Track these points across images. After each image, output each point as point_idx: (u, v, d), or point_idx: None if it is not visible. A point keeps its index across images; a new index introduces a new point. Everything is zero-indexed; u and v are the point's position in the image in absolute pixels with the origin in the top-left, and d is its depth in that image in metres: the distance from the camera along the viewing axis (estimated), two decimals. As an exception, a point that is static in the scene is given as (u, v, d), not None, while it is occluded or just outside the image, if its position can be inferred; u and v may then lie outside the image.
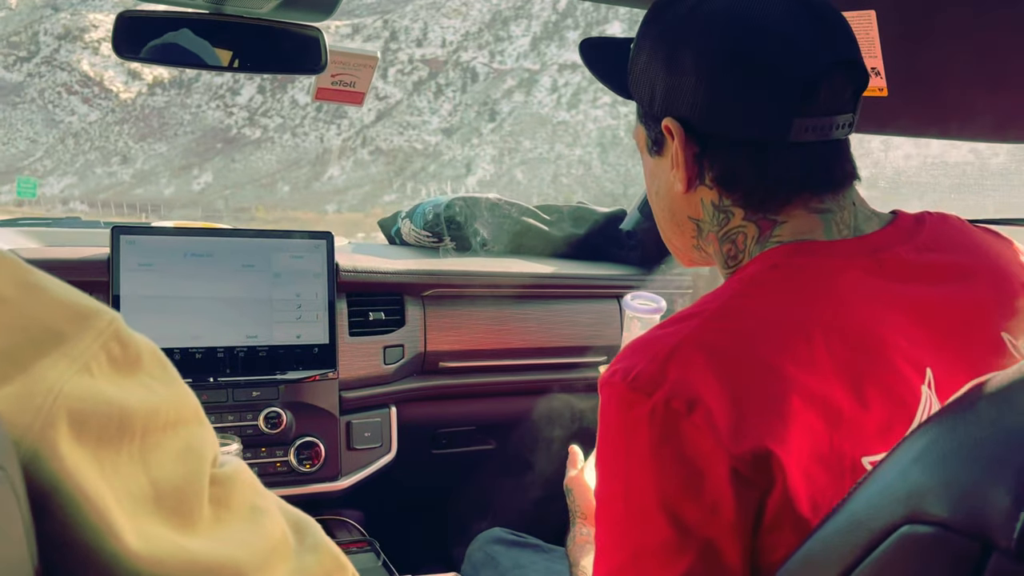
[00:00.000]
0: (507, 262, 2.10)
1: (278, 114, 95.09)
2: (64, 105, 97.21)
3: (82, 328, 0.52)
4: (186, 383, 0.77)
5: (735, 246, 0.98)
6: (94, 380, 0.51)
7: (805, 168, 0.92)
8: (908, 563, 0.59)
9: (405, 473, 1.97)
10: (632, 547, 0.85)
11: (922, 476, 0.60)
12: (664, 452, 0.81)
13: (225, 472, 0.60)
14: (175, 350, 1.68)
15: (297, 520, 0.66)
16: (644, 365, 0.84)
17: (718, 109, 0.93)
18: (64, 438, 0.48)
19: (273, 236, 1.80)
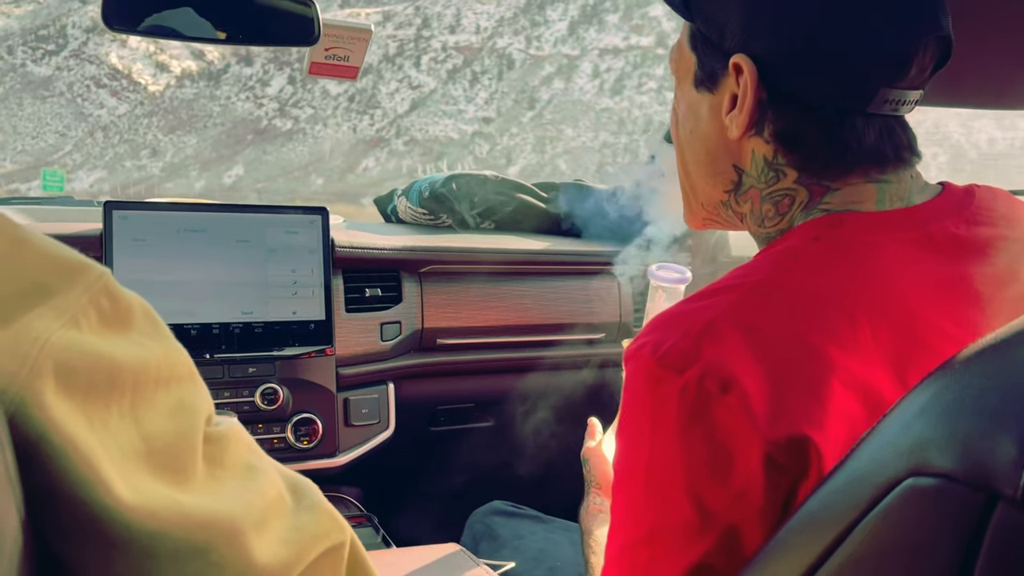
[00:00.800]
0: (504, 239, 2.12)
1: (309, 105, 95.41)
2: (93, 99, 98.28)
3: (71, 282, 0.52)
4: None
5: (777, 208, 0.94)
6: (82, 334, 0.52)
7: (876, 140, 0.89)
8: (912, 516, 0.59)
9: (403, 450, 2.00)
10: (649, 525, 0.84)
11: (926, 429, 0.60)
12: (693, 432, 0.79)
13: (220, 430, 0.61)
14: (169, 326, 1.70)
15: (294, 481, 0.67)
16: (676, 340, 0.81)
17: (804, 62, 0.87)
18: (50, 389, 0.49)
19: (267, 211, 1.83)
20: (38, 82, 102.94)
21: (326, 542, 0.64)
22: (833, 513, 0.66)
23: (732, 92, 0.91)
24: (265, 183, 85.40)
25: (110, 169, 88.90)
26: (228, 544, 0.55)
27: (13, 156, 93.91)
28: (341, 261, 1.90)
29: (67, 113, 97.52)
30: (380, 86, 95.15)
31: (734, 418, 0.77)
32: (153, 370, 0.55)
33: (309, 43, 1.66)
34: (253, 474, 0.61)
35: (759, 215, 0.96)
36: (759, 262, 0.88)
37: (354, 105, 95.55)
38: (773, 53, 0.87)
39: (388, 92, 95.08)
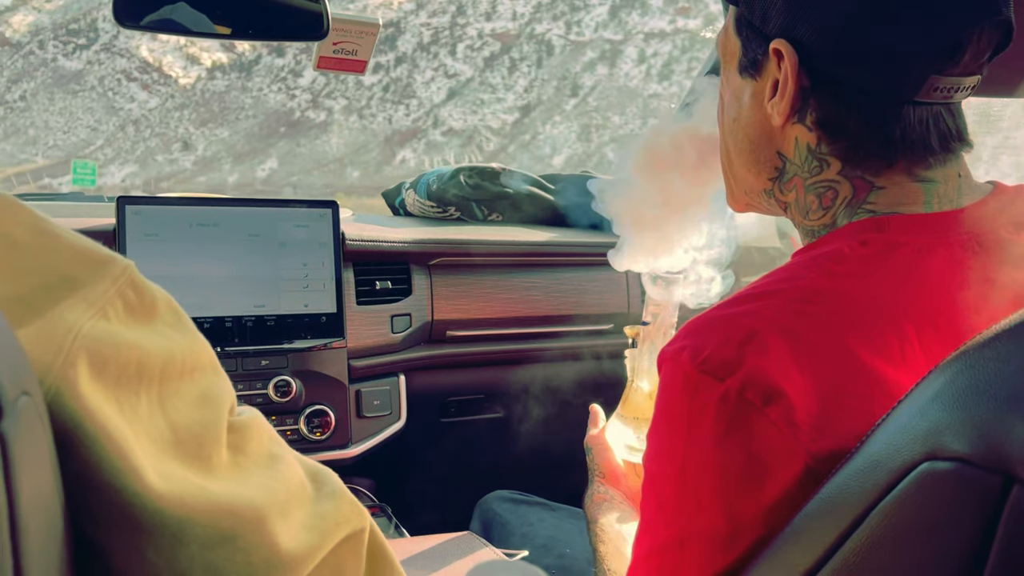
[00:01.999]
0: (512, 231, 2.18)
1: (343, 95, 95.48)
2: (124, 92, 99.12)
3: (97, 274, 0.54)
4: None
5: (820, 201, 0.93)
6: (111, 324, 0.54)
7: (922, 129, 0.87)
8: (928, 499, 0.61)
9: (415, 441, 2.08)
10: (679, 530, 0.85)
11: (941, 413, 0.61)
12: (729, 442, 0.80)
13: (242, 420, 0.63)
14: None
15: (314, 469, 0.69)
16: (717, 346, 0.81)
17: (848, 47, 0.85)
18: (84, 378, 0.51)
19: (278, 205, 1.90)
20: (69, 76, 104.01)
21: (347, 528, 0.67)
22: (849, 498, 0.68)
23: (774, 78, 0.91)
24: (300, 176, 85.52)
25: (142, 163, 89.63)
26: (254, 531, 0.58)
27: (44, 151, 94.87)
28: (351, 254, 1.97)
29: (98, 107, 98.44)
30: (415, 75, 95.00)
31: (775, 431, 0.77)
32: (179, 360, 0.58)
33: (318, 38, 1.71)
34: (275, 462, 0.64)
35: (803, 206, 0.95)
36: (803, 265, 0.87)
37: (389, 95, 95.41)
38: (815, 38, 0.86)
39: (423, 81, 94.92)
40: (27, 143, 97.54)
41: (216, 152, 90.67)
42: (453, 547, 1.65)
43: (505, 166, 2.24)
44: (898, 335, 0.79)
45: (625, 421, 1.44)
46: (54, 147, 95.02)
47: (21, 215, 0.54)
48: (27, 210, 0.54)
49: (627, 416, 1.44)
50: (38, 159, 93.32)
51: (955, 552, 0.58)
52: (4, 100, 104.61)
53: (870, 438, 0.70)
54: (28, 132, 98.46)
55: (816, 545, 0.70)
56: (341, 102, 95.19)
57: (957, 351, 0.66)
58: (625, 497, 1.34)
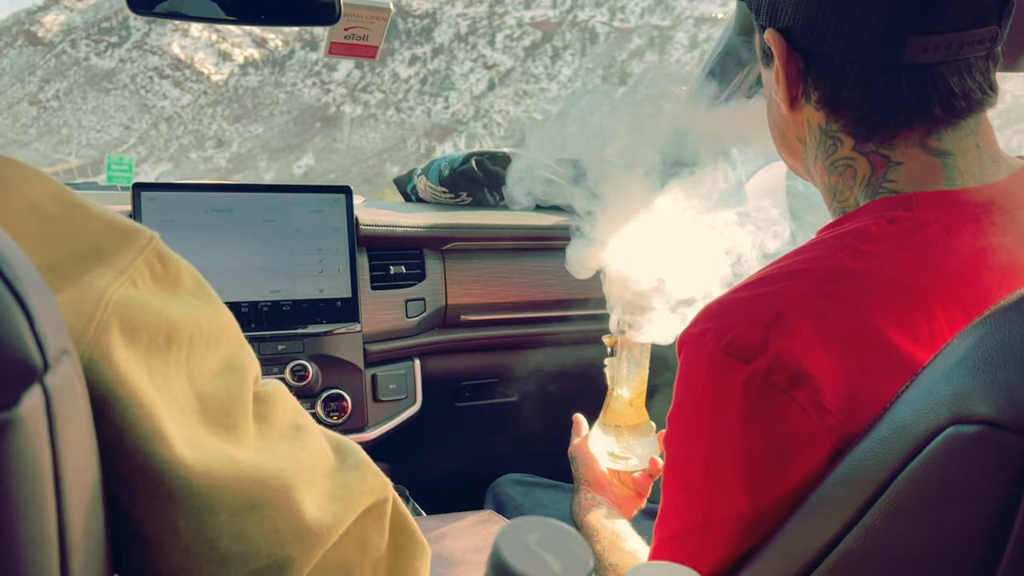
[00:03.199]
0: (525, 215, 2.22)
1: (379, 89, 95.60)
2: (156, 90, 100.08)
3: (125, 244, 0.57)
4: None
5: (842, 180, 0.94)
6: (139, 291, 0.56)
7: (920, 94, 0.86)
8: (954, 463, 0.62)
9: (430, 424, 2.12)
10: (703, 513, 0.86)
11: (966, 377, 0.63)
12: (755, 426, 0.81)
13: (267, 391, 0.66)
14: None
15: (338, 441, 0.72)
16: (743, 329, 0.82)
17: (821, 23, 0.87)
18: (117, 344, 0.53)
19: (292, 191, 1.95)
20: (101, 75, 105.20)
21: (370, 498, 0.69)
22: (874, 465, 0.69)
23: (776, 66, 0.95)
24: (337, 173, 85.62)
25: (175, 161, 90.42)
26: (281, 499, 0.60)
27: (78, 150, 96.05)
28: (365, 239, 2.02)
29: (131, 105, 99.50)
30: (453, 67, 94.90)
31: (802, 414, 0.78)
32: (205, 330, 0.60)
33: (330, 22, 1.76)
34: (300, 433, 0.67)
35: (829, 187, 0.97)
36: (829, 244, 0.87)
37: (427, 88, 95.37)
38: (795, 20, 0.89)
39: (462, 73, 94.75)
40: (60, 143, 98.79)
41: (251, 149, 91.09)
42: (474, 524, 1.70)
43: (515, 150, 2.28)
44: (926, 315, 0.80)
45: (607, 430, 1.50)
46: (87, 146, 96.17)
47: (49, 186, 0.57)
48: (53, 182, 0.57)
49: (608, 425, 1.50)
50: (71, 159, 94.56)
51: (982, 516, 0.59)
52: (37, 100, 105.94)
53: (894, 405, 0.71)
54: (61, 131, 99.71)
55: (841, 513, 0.72)
56: (377, 96, 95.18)
57: (982, 316, 0.67)
58: (612, 504, 1.39)
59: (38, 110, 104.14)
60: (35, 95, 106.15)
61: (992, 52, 0.87)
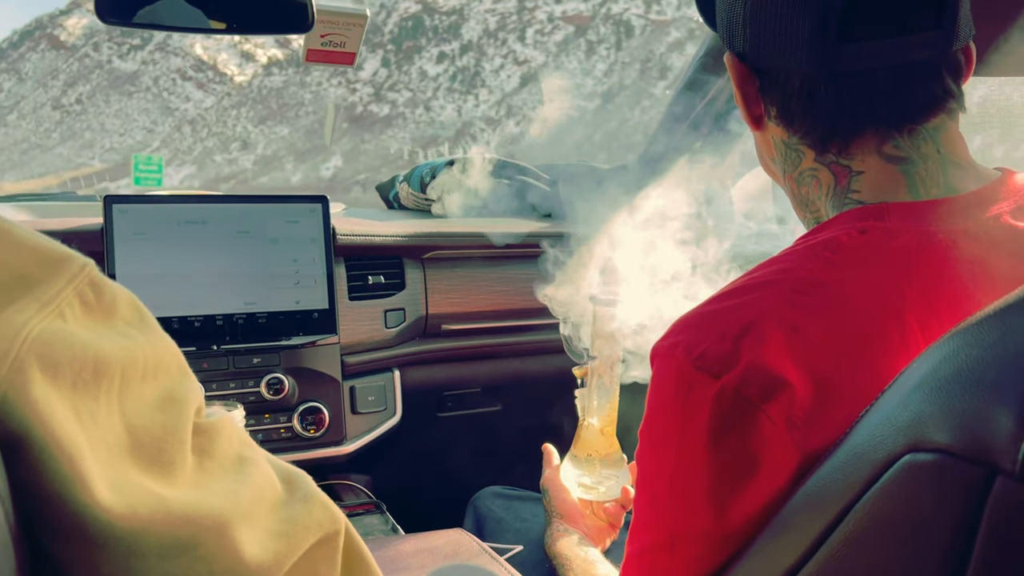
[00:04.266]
0: (507, 222, 2.24)
1: (406, 87, 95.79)
2: (179, 92, 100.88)
3: (53, 273, 0.54)
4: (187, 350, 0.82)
5: (811, 191, 0.97)
6: (66, 325, 0.54)
7: (861, 101, 0.89)
8: (912, 492, 0.62)
9: (411, 436, 2.14)
10: (670, 529, 0.87)
11: (923, 403, 0.63)
12: (724, 442, 0.81)
13: (210, 422, 0.64)
14: (173, 319, 1.85)
15: (288, 472, 0.70)
16: (712, 342, 0.83)
17: (763, 40, 0.92)
18: (36, 383, 0.51)
19: (267, 201, 1.97)
20: (124, 78, 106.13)
21: (319, 532, 0.67)
22: (833, 491, 0.70)
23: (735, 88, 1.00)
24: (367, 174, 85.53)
25: (200, 164, 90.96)
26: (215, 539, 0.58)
27: (101, 154, 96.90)
28: (343, 249, 2.04)
29: (154, 108, 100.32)
30: (484, 63, 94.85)
31: (773, 428, 0.78)
32: (140, 361, 0.58)
33: (303, 30, 1.77)
34: (244, 466, 0.65)
35: (799, 199, 1.01)
36: (799, 255, 0.89)
37: (456, 85, 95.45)
38: (743, 42, 0.95)
39: (492, 69, 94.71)
40: (84, 147, 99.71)
41: (276, 151, 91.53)
42: (445, 545, 1.70)
43: (497, 156, 2.30)
44: (899, 326, 0.81)
45: (577, 461, 1.52)
46: (111, 150, 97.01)
47: None
48: None
49: (579, 456, 1.52)
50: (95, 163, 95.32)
51: (939, 546, 0.59)
52: (60, 104, 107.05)
53: (854, 429, 0.72)
54: (84, 135, 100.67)
55: (801, 539, 0.72)
56: (405, 94, 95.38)
57: (939, 339, 0.67)
58: (584, 536, 1.41)
59: (61, 114, 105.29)
60: (58, 99, 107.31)
61: (947, 57, 0.89)
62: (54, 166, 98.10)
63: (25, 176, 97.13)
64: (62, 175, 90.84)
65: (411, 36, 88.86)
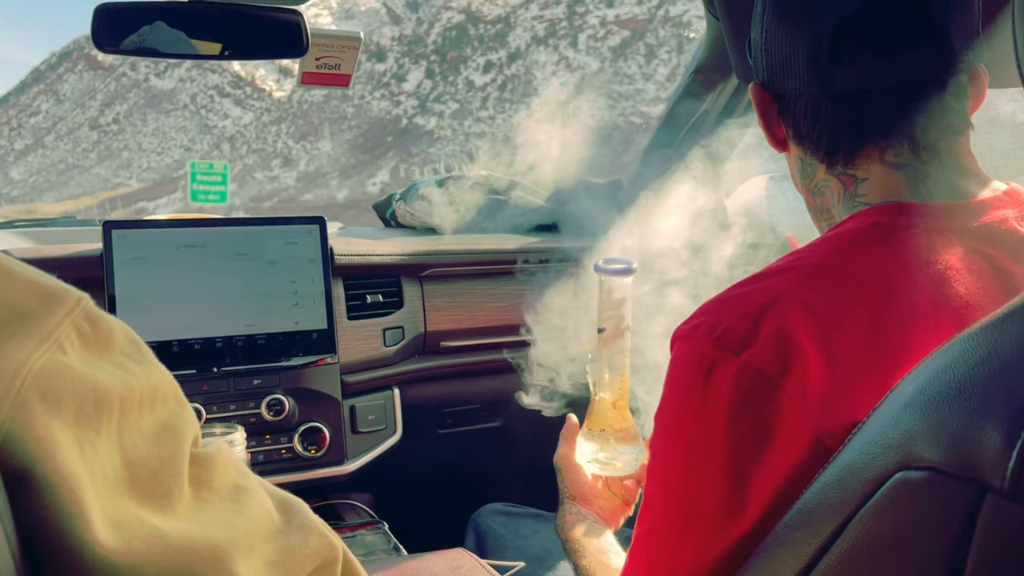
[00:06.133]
0: (503, 238, 2.32)
1: (452, 98, 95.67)
2: (216, 109, 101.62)
3: (50, 307, 0.56)
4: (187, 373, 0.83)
5: (824, 199, 1.08)
6: (66, 358, 0.55)
7: (856, 118, 1.00)
8: (904, 509, 0.64)
9: (412, 453, 2.22)
10: (685, 507, 0.92)
11: (913, 421, 0.65)
12: (743, 416, 0.87)
13: (206, 452, 0.65)
14: (173, 342, 1.93)
15: (285, 501, 0.72)
16: (733, 321, 0.90)
17: (773, 66, 1.05)
18: (40, 419, 0.52)
19: (265, 223, 2.06)
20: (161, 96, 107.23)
21: (316, 560, 0.69)
22: (827, 509, 0.73)
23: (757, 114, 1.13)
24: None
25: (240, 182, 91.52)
26: (213, 570, 0.59)
27: (139, 174, 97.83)
28: (341, 269, 2.12)
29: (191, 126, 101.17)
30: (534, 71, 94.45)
31: (791, 403, 0.85)
32: (137, 393, 0.59)
33: (298, 54, 1.86)
34: (241, 495, 0.66)
35: (816, 208, 1.12)
36: (817, 246, 0.99)
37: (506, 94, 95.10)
38: (762, 71, 1.07)
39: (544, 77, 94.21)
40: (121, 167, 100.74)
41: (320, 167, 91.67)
42: (447, 565, 1.76)
43: (492, 173, 2.38)
44: (910, 308, 0.89)
45: (591, 435, 1.53)
46: (148, 169, 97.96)
47: None
48: None
49: (593, 430, 1.53)
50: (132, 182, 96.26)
51: (932, 563, 0.62)
52: (98, 124, 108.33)
53: (846, 446, 0.75)
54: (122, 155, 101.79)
55: (797, 556, 0.76)
56: (452, 106, 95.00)
57: (929, 356, 0.71)
58: (598, 517, 1.45)
59: (98, 134, 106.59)
60: (95, 119, 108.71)
61: (942, 77, 0.97)
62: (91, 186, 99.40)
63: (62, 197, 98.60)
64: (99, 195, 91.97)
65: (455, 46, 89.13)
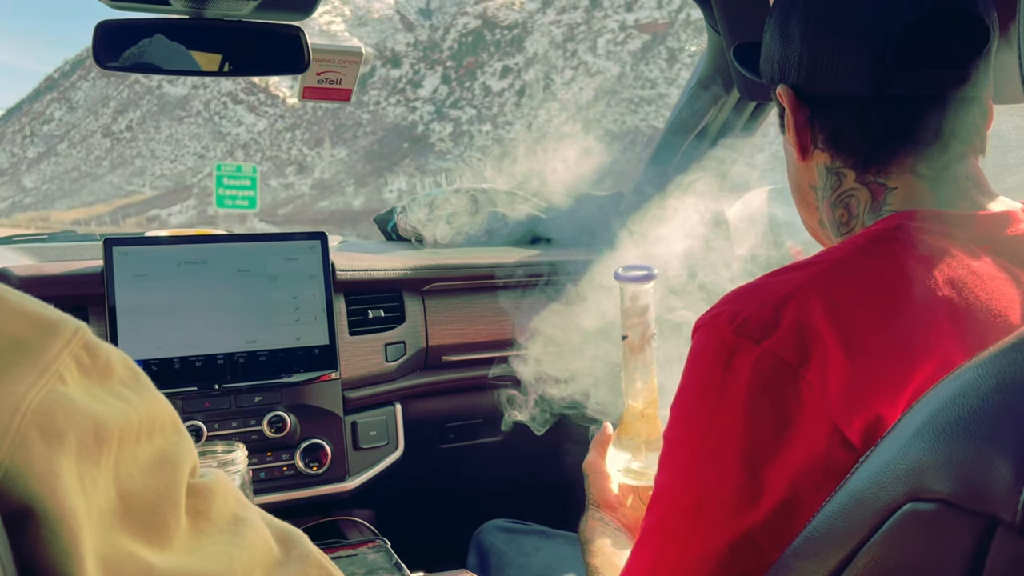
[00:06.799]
0: (505, 251, 2.34)
1: (469, 104, 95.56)
2: (230, 116, 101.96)
3: (48, 337, 0.56)
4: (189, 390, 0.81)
5: (848, 211, 1.10)
6: (66, 390, 0.55)
7: (905, 123, 1.03)
8: (913, 541, 0.64)
9: (414, 469, 2.24)
10: (697, 495, 0.93)
11: (923, 452, 0.65)
12: (762, 403, 0.89)
13: (204, 482, 0.65)
14: (175, 359, 1.95)
15: (283, 531, 0.72)
16: (754, 310, 0.93)
17: (819, 69, 1.07)
18: (41, 455, 0.52)
19: (267, 239, 2.09)
20: (174, 103, 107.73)
21: None
22: (836, 537, 0.73)
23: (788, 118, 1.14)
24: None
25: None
26: None
27: (152, 181, 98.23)
28: (342, 284, 2.15)
29: (204, 133, 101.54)
30: (553, 75, 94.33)
31: (809, 392, 0.87)
32: (135, 424, 0.60)
33: (300, 70, 1.88)
34: (239, 527, 0.67)
35: (835, 221, 1.14)
36: (839, 245, 1.02)
37: (525, 99, 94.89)
38: (798, 73, 1.09)
39: (563, 82, 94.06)
40: (134, 174, 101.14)
41: (335, 174, 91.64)
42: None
43: (493, 186, 2.41)
44: (931, 309, 0.91)
45: (621, 444, 1.52)
46: (161, 177, 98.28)
47: None
48: None
49: (623, 438, 1.52)
50: (145, 190, 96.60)
51: None
52: (111, 132, 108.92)
53: (854, 474, 0.75)
54: (135, 163, 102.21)
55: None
56: (468, 112, 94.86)
57: (938, 384, 0.71)
58: (621, 525, 1.46)
59: (111, 142, 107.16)
60: (108, 127, 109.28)
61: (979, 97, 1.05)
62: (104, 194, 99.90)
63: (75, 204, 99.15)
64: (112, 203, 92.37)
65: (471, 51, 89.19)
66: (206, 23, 1.79)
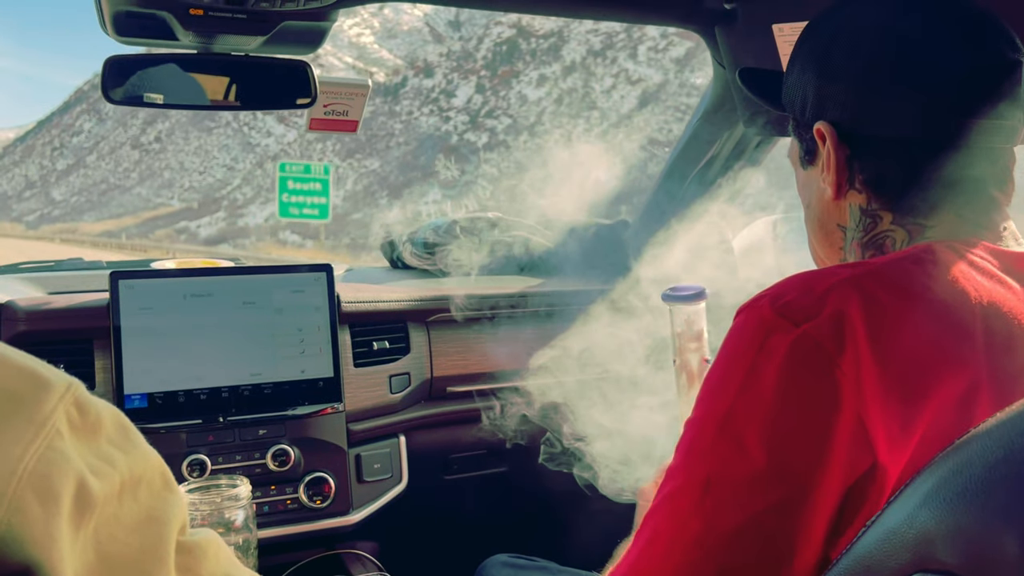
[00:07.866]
0: (510, 281, 2.38)
1: (505, 113, 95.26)
2: (259, 127, 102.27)
3: (42, 392, 0.57)
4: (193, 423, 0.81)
5: (880, 252, 1.11)
6: (62, 446, 0.56)
7: (955, 171, 1.04)
8: None
9: (418, 501, 2.27)
10: (708, 473, 0.94)
11: (930, 521, 0.66)
12: (793, 387, 0.91)
13: (195, 540, 0.66)
14: (179, 392, 1.99)
15: None
16: (797, 295, 0.95)
17: (868, 110, 1.07)
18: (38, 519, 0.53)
19: (272, 272, 2.14)
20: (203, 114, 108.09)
21: None
22: None
23: (823, 158, 1.15)
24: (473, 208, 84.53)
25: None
26: None
27: (180, 193, 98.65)
28: (347, 316, 2.19)
29: (234, 144, 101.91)
30: (592, 83, 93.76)
31: (844, 378, 0.88)
32: (118, 486, 0.60)
33: (307, 105, 1.94)
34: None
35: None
36: (882, 259, 1.03)
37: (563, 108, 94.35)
38: (842, 111, 1.10)
39: (603, 90, 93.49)
40: (162, 186, 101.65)
41: (368, 185, 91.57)
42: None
43: (501, 215, 2.46)
44: (966, 325, 0.94)
45: None
46: (190, 189, 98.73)
47: None
48: None
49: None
50: (174, 202, 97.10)
51: None
52: (139, 143, 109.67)
53: (862, 537, 0.75)
54: (163, 175, 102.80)
55: None
56: (504, 121, 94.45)
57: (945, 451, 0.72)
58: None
59: (140, 153, 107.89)
60: (137, 138, 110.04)
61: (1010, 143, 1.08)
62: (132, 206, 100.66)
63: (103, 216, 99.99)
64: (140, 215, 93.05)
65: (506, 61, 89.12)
66: (214, 58, 1.85)
